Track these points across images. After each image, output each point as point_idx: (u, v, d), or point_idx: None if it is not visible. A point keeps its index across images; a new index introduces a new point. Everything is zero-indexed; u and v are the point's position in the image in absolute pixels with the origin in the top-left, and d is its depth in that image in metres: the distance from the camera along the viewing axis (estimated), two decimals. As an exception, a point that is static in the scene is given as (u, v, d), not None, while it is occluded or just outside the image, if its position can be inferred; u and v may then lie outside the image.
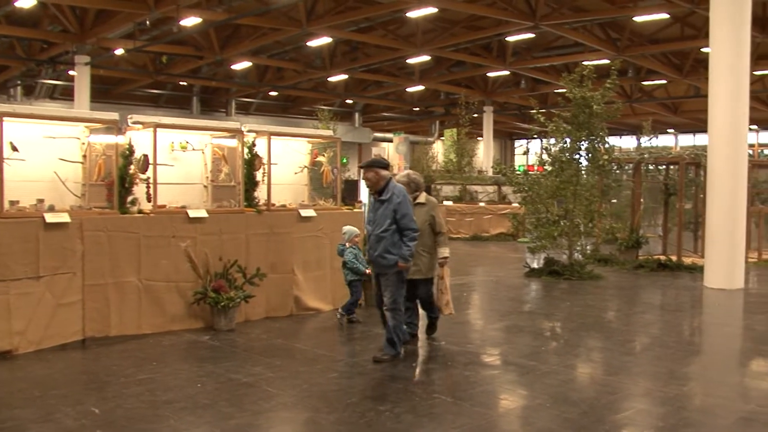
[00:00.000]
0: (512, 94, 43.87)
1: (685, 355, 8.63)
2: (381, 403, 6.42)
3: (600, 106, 14.98)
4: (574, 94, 14.99)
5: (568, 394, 6.73)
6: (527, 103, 33.03)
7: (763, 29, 27.33)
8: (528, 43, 33.51)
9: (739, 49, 13.85)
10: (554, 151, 15.56)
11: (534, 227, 15.83)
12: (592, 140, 15.36)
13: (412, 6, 24.72)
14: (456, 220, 25.29)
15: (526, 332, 9.71)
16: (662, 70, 35.28)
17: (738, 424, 6.05)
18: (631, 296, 13.40)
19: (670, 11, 26.05)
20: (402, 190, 7.88)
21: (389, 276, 7.80)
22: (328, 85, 41.02)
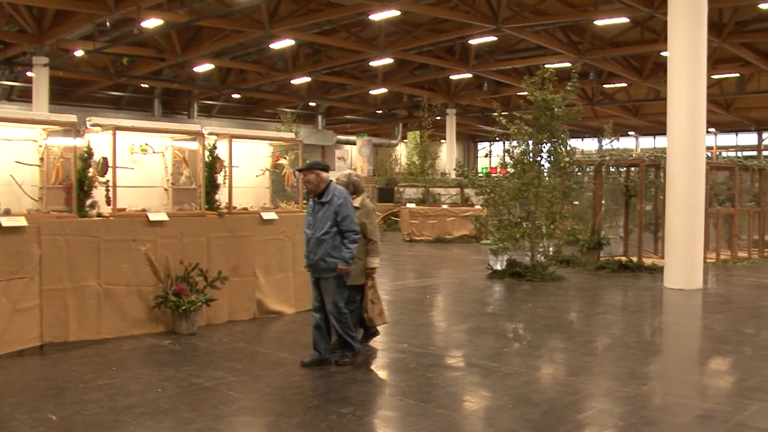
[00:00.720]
0: (475, 96, 44.11)
1: (645, 355, 8.72)
2: (343, 405, 6.40)
3: (561, 109, 15.09)
4: (535, 97, 15.10)
5: (530, 395, 6.77)
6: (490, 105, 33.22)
7: (719, 34, 27.76)
8: (490, 46, 33.73)
9: (696, 53, 14.04)
10: (516, 153, 15.65)
11: (496, 229, 15.90)
12: (554, 142, 15.48)
13: (374, 9, 24.76)
14: (419, 223, 25.33)
15: (488, 334, 9.74)
16: (623, 74, 35.72)
17: (696, 422, 6.12)
18: (592, 297, 13.51)
19: (630, 15, 26.37)
20: (343, 192, 7.77)
21: (329, 280, 7.64)
22: (291, 88, 40.94)
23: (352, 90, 42.95)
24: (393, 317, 10.98)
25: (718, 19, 27.87)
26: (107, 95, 40.62)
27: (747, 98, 41.48)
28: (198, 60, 32.39)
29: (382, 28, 29.99)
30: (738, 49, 30.65)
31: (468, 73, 36.85)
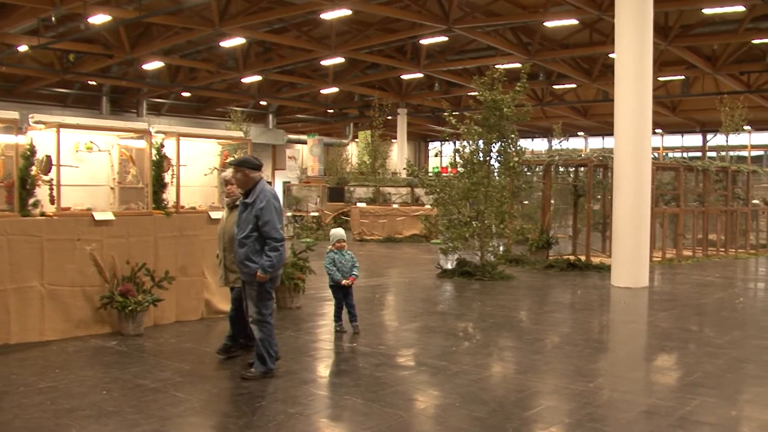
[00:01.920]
0: (426, 96, 44.21)
1: (592, 353, 8.82)
2: (291, 405, 6.36)
3: (510, 109, 15.21)
4: (485, 97, 15.19)
5: (478, 393, 6.80)
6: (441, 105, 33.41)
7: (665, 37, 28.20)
8: (441, 46, 33.84)
9: (643, 55, 14.26)
10: (466, 153, 15.72)
11: (446, 228, 15.97)
12: (504, 142, 15.59)
13: (326, 8, 24.67)
14: (369, 222, 25.35)
15: (438, 333, 9.76)
16: (572, 75, 36.09)
17: (641, 417, 6.20)
18: (541, 296, 13.63)
19: (579, 17, 26.66)
20: (268, 194, 7.22)
21: (252, 285, 7.25)
22: (242, 86, 40.63)
23: (303, 89, 42.76)
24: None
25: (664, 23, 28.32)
26: (53, 92, 39.84)
27: (692, 100, 42.23)
28: (147, 57, 31.94)
29: (333, 27, 29.90)
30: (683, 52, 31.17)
31: (419, 72, 36.91)
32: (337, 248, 9.66)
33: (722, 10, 26.10)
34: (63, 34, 27.23)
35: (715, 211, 20.67)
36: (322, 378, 7.56)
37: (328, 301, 12.20)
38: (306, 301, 11.76)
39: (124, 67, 35.61)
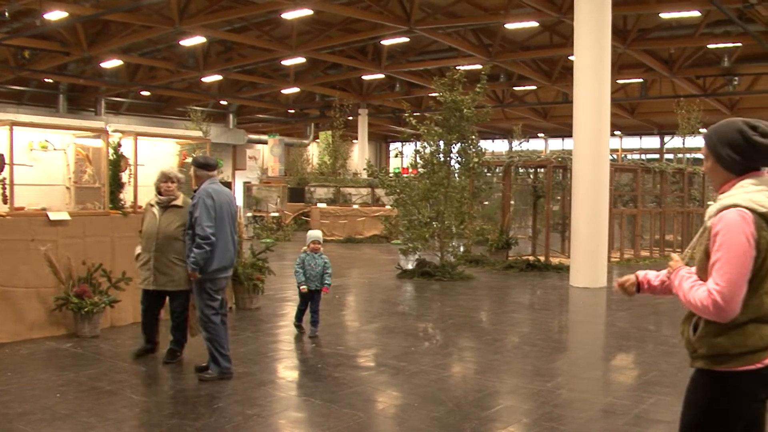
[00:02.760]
0: (387, 97, 44.23)
1: (550, 352, 8.88)
2: (249, 407, 6.31)
3: (470, 110, 15.26)
4: (445, 98, 15.23)
5: (437, 394, 6.80)
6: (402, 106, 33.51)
7: (623, 41, 28.51)
8: (403, 47, 33.88)
9: (601, 58, 14.41)
10: (426, 153, 15.75)
11: (406, 229, 15.98)
12: (464, 143, 15.65)
13: (287, 7, 24.58)
14: (330, 223, 25.30)
15: (397, 333, 9.76)
16: (532, 76, 36.34)
17: (598, 416, 6.25)
18: (501, 296, 13.70)
19: (539, 20, 26.84)
20: (204, 192, 7.17)
21: (194, 284, 7.26)
22: (202, 86, 40.31)
23: (263, 89, 42.53)
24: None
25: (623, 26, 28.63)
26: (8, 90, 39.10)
27: (650, 103, 42.75)
28: (105, 55, 31.53)
29: (294, 27, 29.78)
30: (641, 56, 31.55)
31: (380, 73, 36.92)
32: (311, 249, 9.33)
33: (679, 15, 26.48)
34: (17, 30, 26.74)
35: (672, 212, 20.96)
36: (281, 379, 7.51)
37: (288, 302, 12.18)
38: (265, 302, 11.70)
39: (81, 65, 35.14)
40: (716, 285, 3.03)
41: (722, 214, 3.09)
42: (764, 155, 3.17)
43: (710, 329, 3.15)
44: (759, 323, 3.12)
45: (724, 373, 3.14)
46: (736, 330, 3.10)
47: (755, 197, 3.09)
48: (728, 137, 3.22)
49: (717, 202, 3.22)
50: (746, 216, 3.04)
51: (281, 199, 30.75)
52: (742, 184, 3.16)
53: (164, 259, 7.65)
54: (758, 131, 3.17)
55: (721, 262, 3.04)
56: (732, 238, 3.02)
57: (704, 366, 3.21)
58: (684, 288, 3.21)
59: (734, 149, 3.19)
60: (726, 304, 3.01)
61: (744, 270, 3.02)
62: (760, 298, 3.10)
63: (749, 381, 3.12)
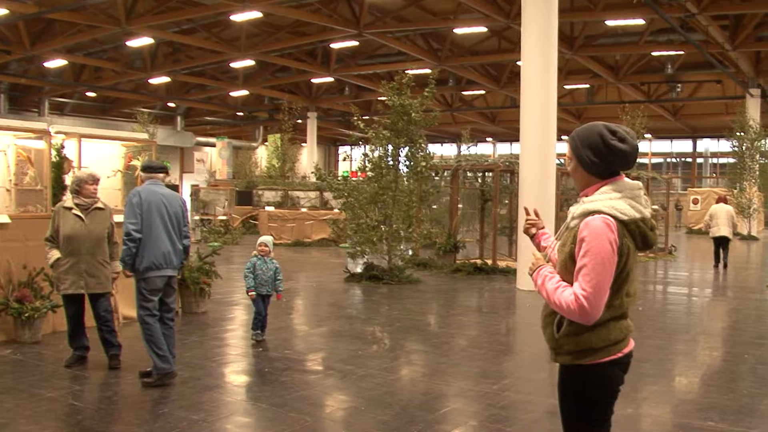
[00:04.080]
0: (336, 100, 44.28)
1: (497, 355, 8.95)
2: (195, 412, 6.24)
3: (418, 114, 15.32)
4: (393, 102, 15.26)
5: (384, 397, 6.80)
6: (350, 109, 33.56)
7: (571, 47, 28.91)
8: (352, 51, 33.95)
9: (548, 63, 14.57)
10: (374, 157, 15.77)
11: (354, 233, 15.96)
12: (412, 147, 15.70)
13: (236, 9, 24.46)
14: (278, 226, 25.17)
15: (345, 337, 9.75)
16: (481, 81, 36.67)
17: (543, 417, 6.31)
18: (448, 299, 13.76)
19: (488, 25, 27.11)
20: (134, 192, 7.18)
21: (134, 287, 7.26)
22: (149, 87, 39.90)
23: (212, 91, 42.28)
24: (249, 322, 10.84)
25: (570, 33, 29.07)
26: (-53, 89, 38.38)
27: (596, 108, 43.43)
28: (49, 55, 31.02)
29: (243, 29, 29.67)
30: (588, 62, 32.06)
31: (329, 76, 36.94)
32: (259, 252, 9.21)
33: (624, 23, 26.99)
34: (-45, 27, 26.25)
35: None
36: (228, 383, 7.44)
37: (235, 305, 12.10)
38: (212, 305, 11.59)
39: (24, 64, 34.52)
40: (583, 290, 3.17)
41: (588, 220, 3.22)
42: (622, 159, 3.31)
43: (575, 327, 3.33)
44: (620, 319, 3.38)
45: (590, 365, 3.35)
46: (600, 327, 3.30)
47: (617, 205, 3.24)
48: (589, 140, 3.34)
49: (580, 204, 3.34)
50: (610, 223, 3.20)
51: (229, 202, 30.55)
52: (603, 191, 3.30)
53: (94, 261, 7.58)
54: (617, 136, 3.30)
55: (587, 269, 3.16)
56: (597, 245, 3.16)
57: (569, 362, 3.41)
58: (548, 288, 3.35)
59: (595, 152, 3.32)
60: (591, 308, 3.17)
61: (608, 276, 3.18)
62: (620, 299, 3.32)
63: (613, 368, 3.39)
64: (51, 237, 7.75)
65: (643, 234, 3.31)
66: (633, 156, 3.33)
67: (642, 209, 3.32)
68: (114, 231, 7.81)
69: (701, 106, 44.86)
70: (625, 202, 3.28)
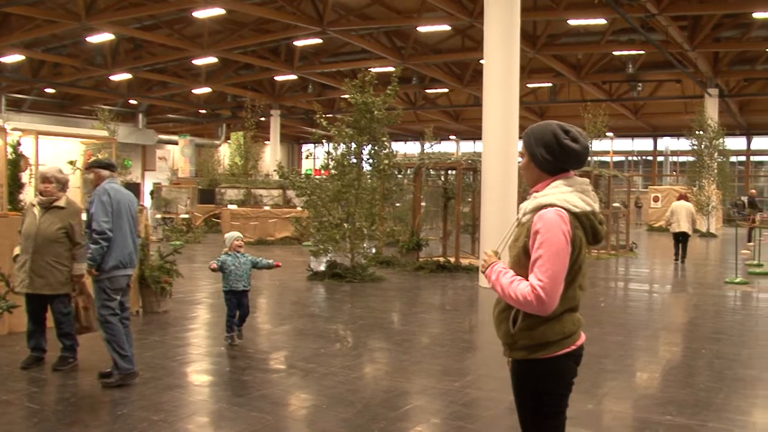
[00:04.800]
0: (299, 98, 44.16)
1: (459, 352, 8.98)
2: (155, 412, 6.18)
3: (381, 112, 15.32)
4: (356, 100, 15.25)
5: (346, 395, 6.79)
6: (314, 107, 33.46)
7: (533, 45, 29.10)
8: (316, 48, 33.86)
9: (510, 62, 14.65)
10: (337, 155, 15.75)
11: (316, 231, 15.92)
12: (375, 145, 15.70)
13: (198, 6, 24.29)
14: (240, 225, 24.95)
15: (307, 335, 9.72)
16: (444, 79, 36.77)
17: (504, 414, 6.34)
18: (411, 297, 13.78)
19: (451, 24, 27.19)
20: (100, 190, 7.06)
21: (93, 284, 7.10)
22: (110, 84, 39.48)
23: (174, 88, 41.93)
24: (211, 321, 10.80)
25: (533, 32, 29.25)
26: None
27: (558, 107, 43.77)
28: (5, 50, 30.50)
29: (206, 26, 29.46)
30: (550, 61, 32.29)
31: (293, 74, 36.83)
32: (235, 248, 8.94)
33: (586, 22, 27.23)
34: None
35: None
36: (188, 383, 7.38)
37: (197, 304, 12.02)
38: (174, 305, 11.49)
39: (-21, 60, 33.96)
40: (539, 281, 3.22)
41: (541, 213, 3.30)
42: (574, 158, 3.40)
43: (530, 321, 3.37)
44: (572, 312, 3.45)
45: (544, 359, 3.40)
46: (555, 320, 3.36)
47: (569, 198, 3.32)
48: (543, 139, 3.42)
49: (532, 199, 3.43)
50: (563, 215, 3.27)
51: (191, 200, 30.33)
52: (555, 185, 3.39)
53: (42, 261, 7.39)
54: (570, 135, 3.39)
55: (542, 260, 3.22)
56: (552, 237, 3.23)
57: (524, 356, 3.44)
58: (503, 282, 3.38)
59: (548, 150, 3.40)
60: (548, 298, 3.22)
61: (563, 266, 3.24)
62: (574, 291, 3.40)
63: (567, 361, 3.46)
64: (19, 232, 7.68)
65: (593, 227, 3.40)
66: (584, 155, 3.43)
67: (592, 203, 3.41)
68: (76, 231, 7.55)
69: (661, 105, 45.41)
70: (577, 195, 3.36)
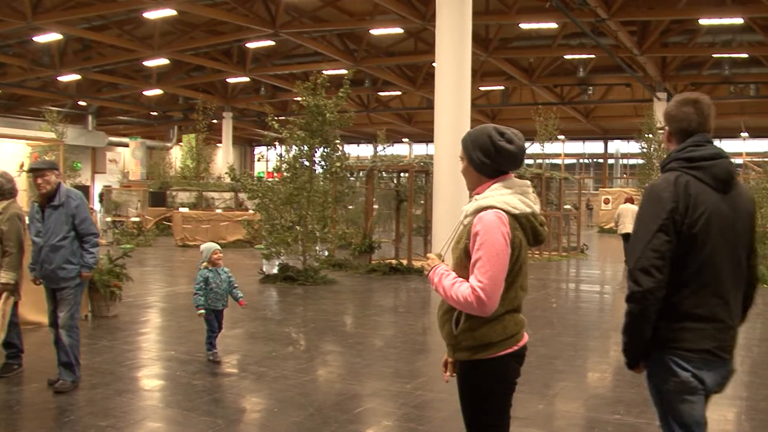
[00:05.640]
0: (252, 100, 43.94)
1: (411, 354, 9.00)
2: (103, 418, 6.09)
3: (333, 114, 15.30)
4: (308, 102, 15.21)
5: (297, 398, 6.77)
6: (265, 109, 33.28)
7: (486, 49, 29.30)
8: (268, 51, 33.72)
9: (462, 65, 14.76)
10: (289, 157, 15.70)
11: (268, 233, 15.85)
12: (327, 147, 15.67)
13: (149, 6, 24.04)
14: (192, 228, 24.79)
15: (259, 338, 9.68)
16: (397, 82, 36.85)
17: (455, 415, 6.23)
18: (364, 300, 13.79)
19: (404, 26, 27.27)
20: (78, 193, 7.16)
21: (68, 290, 6.99)
22: (59, 85, 38.85)
23: (125, 90, 41.41)
24: (162, 325, 10.70)
25: (485, 35, 29.45)
26: None
27: (510, 110, 44.16)
28: (-51, 50, 29.93)
29: (157, 27, 29.15)
30: (502, 64, 32.55)
31: (245, 76, 36.62)
32: (214, 261, 8.28)
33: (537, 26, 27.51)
34: None
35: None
36: (138, 388, 7.29)
37: (148, 308, 11.90)
38: (123, 309, 11.35)
39: None
40: (479, 282, 3.26)
41: (481, 215, 3.33)
42: (510, 159, 3.44)
43: (472, 323, 3.42)
44: (514, 313, 3.51)
45: (487, 359, 3.45)
46: (496, 320, 3.40)
47: (508, 200, 3.37)
48: (479, 142, 3.47)
49: (472, 202, 3.45)
50: (502, 217, 3.31)
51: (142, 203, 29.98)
52: (494, 187, 3.43)
53: None
54: (505, 137, 3.44)
55: (482, 261, 3.26)
56: (491, 238, 3.26)
57: (468, 357, 3.49)
58: (445, 284, 3.43)
59: (484, 153, 3.45)
60: (488, 299, 3.26)
61: (503, 267, 3.29)
62: (515, 292, 3.46)
63: (510, 361, 3.51)
64: None
65: (533, 228, 3.45)
66: (520, 156, 3.47)
67: (532, 204, 3.45)
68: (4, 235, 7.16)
69: (612, 109, 46.06)
70: (516, 197, 3.40)
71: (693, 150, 3.37)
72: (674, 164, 3.40)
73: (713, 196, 3.30)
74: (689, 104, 3.46)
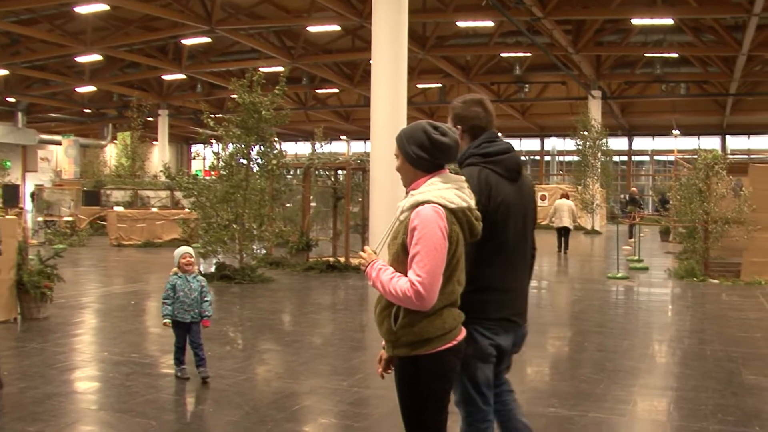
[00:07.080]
0: (188, 97, 43.46)
1: (349, 351, 9.01)
2: (31, 423, 5.95)
3: (269, 112, 15.21)
4: (243, 99, 15.10)
5: (233, 398, 6.72)
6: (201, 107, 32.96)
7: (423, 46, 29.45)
8: (204, 47, 33.39)
9: (398, 62, 14.82)
10: (225, 155, 15.57)
11: (205, 232, 15.68)
12: (263, 145, 15.57)
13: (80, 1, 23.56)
14: (127, 227, 24.40)
15: (195, 338, 9.56)
16: (335, 80, 36.82)
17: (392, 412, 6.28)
18: (301, 298, 13.75)
19: (341, 24, 27.26)
20: None
21: None
22: (-15, 81, 37.85)
23: (56, 86, 40.53)
24: (96, 326, 10.52)
25: (422, 33, 29.60)
26: None
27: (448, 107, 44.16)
28: None
29: (89, 22, 28.59)
30: (440, 62, 32.75)
31: (181, 73, 36.20)
32: (183, 267, 7.59)
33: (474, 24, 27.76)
34: None
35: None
36: (70, 391, 7.14)
37: (80, 309, 11.69)
38: (55, 310, 11.11)
39: None
40: (417, 276, 3.29)
41: (418, 209, 3.37)
42: (445, 153, 3.52)
43: (411, 318, 3.42)
44: (452, 307, 3.51)
45: (426, 355, 3.45)
46: (435, 315, 3.42)
47: (445, 194, 3.42)
48: (415, 137, 3.54)
49: (409, 197, 3.49)
50: (440, 211, 3.36)
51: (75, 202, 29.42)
52: (432, 182, 3.48)
53: None
54: (439, 131, 3.52)
55: (420, 255, 3.30)
56: (429, 232, 3.31)
57: (407, 353, 3.49)
58: (383, 279, 3.44)
59: (420, 147, 3.51)
60: (427, 293, 3.29)
61: (441, 261, 3.32)
62: (452, 286, 3.46)
63: (449, 356, 3.50)
64: None
65: (470, 223, 3.48)
66: (455, 149, 3.55)
67: (468, 199, 3.49)
68: None
69: (548, 106, 46.71)
70: (453, 192, 3.43)
71: (488, 146, 3.94)
72: (473, 159, 3.92)
73: (507, 185, 3.86)
74: (477, 104, 4.07)
